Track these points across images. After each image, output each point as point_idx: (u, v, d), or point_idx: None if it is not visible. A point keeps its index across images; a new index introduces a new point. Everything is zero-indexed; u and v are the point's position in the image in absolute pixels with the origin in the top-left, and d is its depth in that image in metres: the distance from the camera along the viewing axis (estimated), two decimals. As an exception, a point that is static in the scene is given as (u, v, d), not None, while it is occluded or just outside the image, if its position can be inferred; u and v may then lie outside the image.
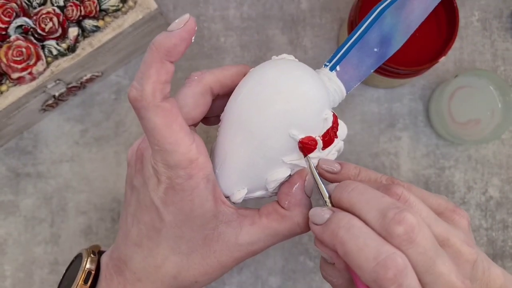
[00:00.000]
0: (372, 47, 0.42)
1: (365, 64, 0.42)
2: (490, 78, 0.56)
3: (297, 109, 0.37)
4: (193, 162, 0.36)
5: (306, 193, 0.39)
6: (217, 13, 0.59)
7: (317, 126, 0.38)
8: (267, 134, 0.37)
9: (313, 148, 0.38)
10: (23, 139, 0.58)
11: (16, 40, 0.49)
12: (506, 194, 0.58)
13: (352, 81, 0.41)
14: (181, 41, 0.35)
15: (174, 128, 0.35)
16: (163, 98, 0.35)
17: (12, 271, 0.57)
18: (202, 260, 0.39)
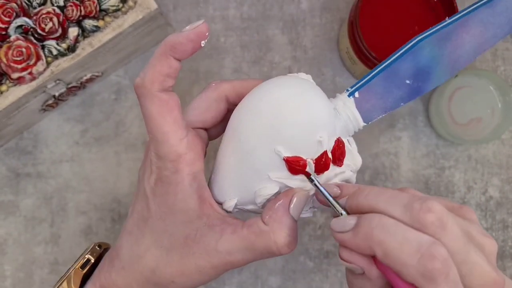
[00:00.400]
0: (404, 79, 0.38)
1: (393, 95, 0.38)
2: (490, 78, 0.56)
3: (285, 125, 0.36)
4: (181, 157, 0.37)
5: (291, 214, 0.37)
6: (217, 13, 0.59)
7: (309, 148, 0.37)
8: (253, 145, 0.37)
9: (299, 170, 0.37)
10: (23, 139, 0.58)
11: (16, 40, 0.48)
12: (506, 194, 0.58)
13: (375, 111, 0.39)
14: (188, 41, 0.36)
15: (168, 119, 0.37)
16: (162, 89, 0.37)
17: (12, 271, 0.57)
18: (180, 259, 0.38)
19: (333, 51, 0.59)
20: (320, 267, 0.57)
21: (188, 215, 0.38)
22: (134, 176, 0.58)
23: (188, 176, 0.37)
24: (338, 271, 0.57)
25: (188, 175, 0.38)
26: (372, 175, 0.58)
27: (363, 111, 0.39)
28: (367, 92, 0.38)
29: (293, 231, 0.37)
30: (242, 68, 0.59)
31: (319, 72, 0.59)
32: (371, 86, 0.39)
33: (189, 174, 0.38)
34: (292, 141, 0.36)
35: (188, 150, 0.37)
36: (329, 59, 0.59)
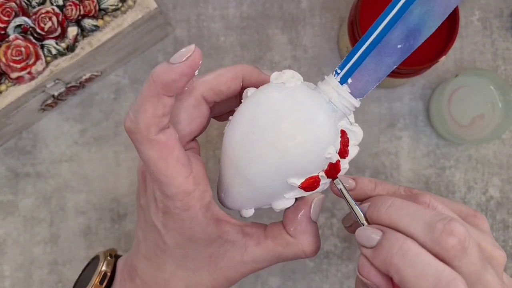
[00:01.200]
0: (395, 45, 0.35)
1: (385, 64, 0.36)
2: (491, 78, 0.55)
3: (293, 161, 0.35)
4: (190, 194, 0.35)
5: (312, 219, 0.38)
6: (216, 12, 0.59)
7: (320, 165, 0.36)
8: (264, 183, 0.36)
9: (315, 187, 0.37)
10: (22, 139, 0.58)
11: (15, 40, 0.48)
12: (506, 194, 0.58)
13: (369, 84, 0.36)
14: (181, 76, 0.33)
15: (170, 161, 0.34)
16: (159, 130, 0.34)
17: (11, 271, 0.57)
18: (209, 275, 0.39)
19: (333, 51, 0.59)
20: (320, 267, 0.57)
21: (209, 239, 0.38)
22: (133, 176, 0.58)
23: (200, 210, 0.36)
24: (338, 271, 0.57)
25: (201, 209, 0.36)
26: (372, 175, 0.58)
27: (356, 90, 0.37)
28: (360, 73, 0.36)
29: (317, 236, 0.38)
30: (242, 68, 0.58)
31: (319, 72, 0.58)
32: (363, 66, 0.36)
33: (201, 208, 0.36)
34: (303, 168, 0.36)
35: (196, 186, 0.36)
36: (329, 59, 0.59)
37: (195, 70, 0.34)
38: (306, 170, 0.36)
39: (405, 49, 0.36)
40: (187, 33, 0.59)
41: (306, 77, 0.58)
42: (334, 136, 0.36)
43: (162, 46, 0.59)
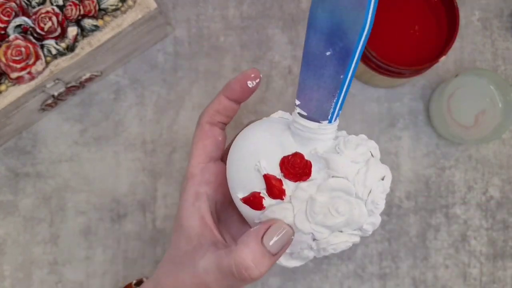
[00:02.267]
0: (322, 54, 0.33)
1: (326, 75, 0.34)
2: (491, 78, 0.55)
3: (233, 175, 0.38)
4: (193, 177, 0.40)
5: (263, 242, 0.36)
6: (216, 12, 0.59)
7: (256, 182, 0.37)
8: (232, 194, 0.39)
9: (258, 204, 0.37)
10: (22, 139, 0.58)
11: (15, 40, 0.48)
12: (506, 194, 0.58)
13: (325, 102, 0.35)
14: (235, 81, 0.40)
15: (199, 145, 0.41)
16: (210, 122, 0.41)
17: (11, 271, 0.57)
18: (177, 272, 0.39)
19: (333, 51, 0.59)
20: (320, 267, 0.57)
21: (189, 233, 0.39)
22: (133, 176, 0.58)
23: (192, 195, 0.40)
24: (338, 271, 0.57)
25: (192, 194, 0.40)
26: (372, 175, 0.57)
27: (314, 112, 0.36)
28: (303, 91, 0.35)
29: (258, 259, 0.35)
30: (242, 67, 0.58)
31: (319, 72, 0.58)
32: (302, 84, 0.35)
33: (193, 193, 0.40)
34: (242, 182, 0.37)
35: (201, 174, 0.40)
36: (329, 59, 0.59)
37: (247, 80, 0.40)
38: (246, 185, 0.37)
39: (341, 53, 0.33)
40: (187, 33, 0.59)
41: (306, 77, 0.58)
42: (270, 151, 0.36)
43: (162, 46, 0.59)
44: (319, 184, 0.35)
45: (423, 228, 0.57)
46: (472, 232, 0.58)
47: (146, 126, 0.58)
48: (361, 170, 0.36)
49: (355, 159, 0.36)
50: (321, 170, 0.36)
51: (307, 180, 0.36)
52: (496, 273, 0.57)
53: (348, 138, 0.37)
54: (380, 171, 0.36)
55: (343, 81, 0.33)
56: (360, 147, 0.36)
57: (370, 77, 0.55)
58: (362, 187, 0.35)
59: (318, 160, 0.36)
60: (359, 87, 0.58)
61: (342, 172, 0.35)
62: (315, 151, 0.36)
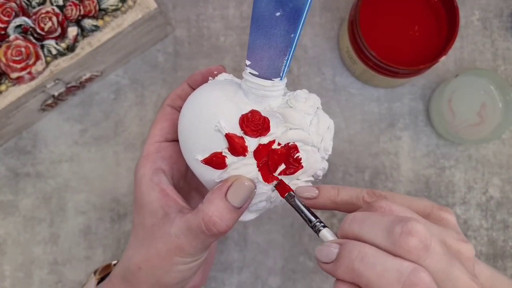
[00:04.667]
0: (272, 14, 0.35)
1: (277, 35, 0.36)
2: (491, 78, 0.55)
3: (190, 137, 0.40)
4: (149, 155, 0.43)
5: (227, 198, 0.38)
6: (216, 12, 0.59)
7: (217, 142, 0.38)
8: (187, 159, 0.41)
9: (220, 164, 0.38)
10: (22, 139, 0.58)
11: (15, 40, 0.48)
12: (506, 194, 0.58)
13: (276, 60, 0.37)
14: (198, 72, 0.45)
15: (157, 125, 0.44)
16: (171, 105, 0.45)
17: (12, 271, 0.57)
18: (147, 246, 0.40)
19: (333, 51, 0.59)
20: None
21: (153, 206, 0.40)
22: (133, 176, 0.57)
23: (148, 171, 0.42)
24: (338, 271, 0.57)
25: (149, 170, 0.42)
26: (372, 175, 0.57)
27: (265, 70, 0.37)
28: (253, 52, 0.37)
29: (223, 214, 0.37)
30: (242, 67, 0.58)
31: (319, 72, 0.58)
32: (252, 45, 0.37)
33: (150, 169, 0.42)
34: (202, 144, 0.39)
35: (156, 151, 0.43)
36: (329, 59, 0.59)
37: (210, 75, 0.43)
38: (206, 146, 0.39)
39: (291, 13, 0.35)
40: (187, 33, 0.59)
41: (307, 77, 0.58)
42: (227, 112, 0.38)
43: (162, 46, 0.59)
44: (279, 137, 0.38)
45: (423, 228, 0.57)
46: (472, 232, 0.58)
47: (146, 126, 0.58)
48: (313, 121, 0.39)
49: (307, 111, 0.39)
50: (279, 125, 0.38)
51: (267, 135, 0.38)
52: (496, 273, 0.57)
53: (297, 93, 0.39)
54: (327, 120, 0.40)
55: (294, 39, 0.35)
56: (309, 100, 0.39)
57: (370, 77, 0.55)
58: (316, 136, 0.39)
59: (274, 115, 0.38)
60: (359, 87, 0.58)
61: (298, 124, 0.38)
62: (269, 107, 0.39)
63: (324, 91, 0.58)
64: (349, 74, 0.58)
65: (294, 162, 0.38)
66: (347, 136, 0.58)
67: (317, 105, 0.40)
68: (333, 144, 0.41)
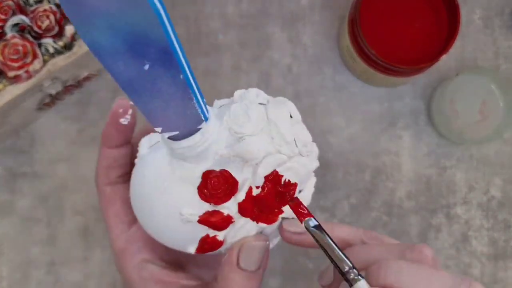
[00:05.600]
0: (140, 72, 0.25)
1: (166, 86, 0.26)
2: (492, 77, 0.55)
3: (164, 238, 0.34)
4: (123, 252, 0.37)
5: (241, 267, 0.33)
6: (215, 10, 0.59)
7: (193, 230, 0.33)
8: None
9: (216, 244, 0.33)
10: (20, 139, 0.57)
11: (12, 38, 0.48)
12: (508, 194, 0.57)
13: (188, 108, 0.28)
14: (107, 126, 0.37)
15: (109, 213, 0.37)
16: (108, 182, 0.37)
17: (8, 271, 0.56)
18: None
19: (333, 49, 0.59)
20: (320, 268, 0.56)
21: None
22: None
23: (133, 269, 0.37)
24: (338, 272, 0.57)
25: (133, 268, 0.37)
26: (373, 175, 0.57)
27: (184, 126, 0.30)
28: (154, 118, 0.29)
29: (245, 285, 0.33)
30: (241, 66, 0.58)
31: (319, 70, 0.58)
32: (147, 113, 0.29)
33: (134, 268, 0.37)
34: (179, 240, 0.34)
35: (128, 244, 0.37)
36: (329, 57, 0.58)
37: (120, 118, 0.37)
38: (189, 238, 0.33)
39: (160, 55, 0.24)
40: (185, 31, 0.58)
41: (306, 76, 0.58)
42: (180, 194, 0.32)
43: (160, 44, 0.58)
44: (252, 181, 0.32)
45: (424, 228, 0.57)
46: (473, 232, 0.57)
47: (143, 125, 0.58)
48: (272, 133, 0.32)
49: (256, 128, 0.31)
50: (243, 169, 0.32)
51: (239, 190, 0.32)
52: (497, 274, 0.57)
53: (232, 111, 0.31)
54: (282, 111, 0.32)
55: (186, 77, 0.26)
56: (249, 113, 0.31)
57: (370, 76, 0.55)
58: (287, 145, 0.32)
59: (230, 163, 0.32)
60: (359, 86, 0.58)
61: (260, 153, 0.31)
62: (219, 156, 0.31)
63: (324, 90, 0.58)
64: (349, 73, 0.58)
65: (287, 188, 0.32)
66: (347, 136, 0.57)
67: (256, 100, 0.33)
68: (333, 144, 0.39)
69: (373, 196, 0.57)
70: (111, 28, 0.23)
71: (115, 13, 0.22)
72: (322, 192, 0.57)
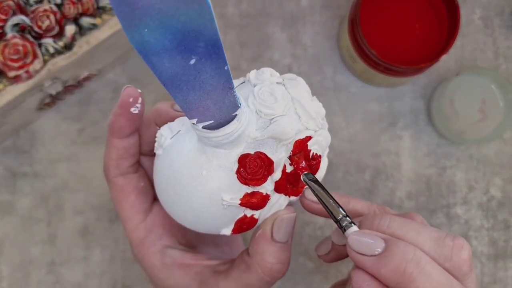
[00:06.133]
0: (186, 66, 0.27)
1: (209, 78, 0.28)
2: (492, 77, 0.55)
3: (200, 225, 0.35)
4: (142, 241, 0.37)
5: (275, 239, 0.34)
6: (215, 10, 0.59)
7: (232, 213, 0.34)
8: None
9: (253, 222, 0.35)
10: (20, 138, 0.57)
11: (12, 38, 0.48)
12: (508, 194, 0.57)
13: (226, 97, 0.29)
14: (116, 116, 0.36)
15: (124, 205, 0.37)
16: (119, 173, 0.37)
17: (9, 271, 0.56)
18: None
19: (333, 49, 0.59)
20: (320, 268, 0.57)
21: (183, 285, 0.37)
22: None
23: (155, 257, 0.37)
24: (338, 272, 0.57)
25: (155, 256, 0.37)
26: (373, 175, 0.57)
27: (219, 115, 0.31)
28: (192, 110, 0.30)
29: (281, 257, 0.35)
30: (241, 66, 0.58)
31: (319, 70, 0.58)
32: (185, 106, 0.30)
33: (155, 255, 0.37)
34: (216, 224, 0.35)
35: (148, 233, 0.37)
36: (329, 57, 0.58)
37: (130, 107, 0.36)
38: (227, 221, 0.34)
39: (208, 50, 0.26)
40: (186, 31, 0.58)
41: (306, 76, 0.58)
42: (219, 180, 0.33)
43: (160, 44, 0.58)
44: (286, 159, 0.34)
45: (424, 228, 0.57)
46: (473, 232, 0.57)
47: (144, 125, 0.58)
48: (298, 111, 0.34)
49: (284, 108, 0.33)
50: (277, 149, 0.33)
51: (275, 169, 0.33)
52: (497, 274, 0.57)
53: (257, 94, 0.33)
54: (301, 89, 0.34)
55: (228, 69, 0.28)
56: (275, 94, 0.33)
57: (370, 76, 0.55)
58: (312, 121, 0.34)
59: (264, 145, 0.33)
60: (359, 86, 0.58)
61: (292, 132, 0.33)
62: (252, 139, 0.33)
63: (324, 90, 0.58)
64: (349, 73, 0.58)
65: (315, 160, 0.35)
66: (347, 136, 0.58)
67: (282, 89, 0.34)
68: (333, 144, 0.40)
69: (373, 196, 0.57)
70: (162, 26, 0.24)
71: (170, 10, 0.23)
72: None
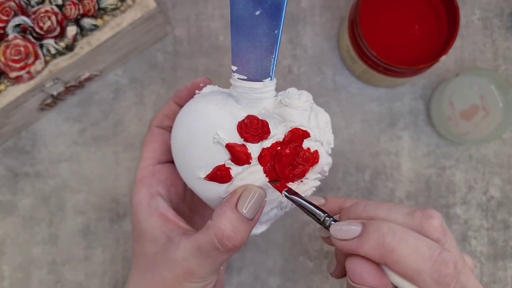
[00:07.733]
0: (251, 14, 0.34)
1: (261, 35, 0.35)
2: (491, 77, 0.55)
3: (189, 154, 0.38)
4: (142, 179, 0.41)
5: (238, 209, 0.36)
6: (216, 11, 0.59)
7: (218, 155, 0.37)
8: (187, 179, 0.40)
9: (225, 177, 0.37)
10: (21, 139, 0.58)
11: (14, 39, 0.48)
12: (507, 194, 0.58)
13: (263, 61, 0.36)
14: (184, 88, 0.44)
15: (148, 147, 0.43)
16: (159, 125, 0.44)
17: (10, 271, 0.56)
18: (150, 275, 0.39)
19: (333, 50, 0.59)
20: (320, 267, 0.57)
21: (153, 233, 0.39)
22: (132, 176, 0.57)
23: (145, 197, 0.40)
24: (338, 271, 0.57)
25: (146, 195, 0.40)
26: (373, 175, 0.57)
27: (254, 73, 0.37)
28: (238, 56, 0.37)
29: (236, 226, 0.36)
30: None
31: (319, 71, 0.58)
32: (235, 48, 0.36)
33: (146, 194, 0.40)
34: (203, 160, 0.37)
35: (150, 175, 0.41)
36: (329, 58, 0.59)
37: (196, 88, 0.42)
38: (206, 162, 0.37)
39: (271, 9, 0.33)
40: (186, 32, 0.59)
41: (307, 76, 0.58)
42: (222, 121, 0.37)
43: (161, 45, 0.59)
44: (281, 138, 0.37)
45: (424, 228, 0.57)
46: (473, 232, 0.57)
47: (145, 125, 0.58)
48: (311, 115, 0.38)
49: (303, 107, 0.38)
50: (278, 125, 0.37)
51: (269, 138, 0.36)
52: (497, 273, 0.57)
53: (288, 91, 0.39)
54: (324, 114, 0.40)
55: (278, 36, 0.34)
56: (302, 96, 0.39)
57: (370, 76, 0.55)
58: (318, 130, 0.38)
59: (271, 116, 0.37)
60: (359, 87, 0.58)
61: (298, 121, 0.37)
62: (264, 110, 0.38)
63: (324, 91, 0.58)
64: (349, 73, 0.58)
65: (303, 161, 0.37)
66: (347, 136, 0.58)
67: (311, 100, 0.39)
68: (334, 144, 0.40)
69: (373, 196, 0.57)
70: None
71: None
72: (322, 192, 0.57)
